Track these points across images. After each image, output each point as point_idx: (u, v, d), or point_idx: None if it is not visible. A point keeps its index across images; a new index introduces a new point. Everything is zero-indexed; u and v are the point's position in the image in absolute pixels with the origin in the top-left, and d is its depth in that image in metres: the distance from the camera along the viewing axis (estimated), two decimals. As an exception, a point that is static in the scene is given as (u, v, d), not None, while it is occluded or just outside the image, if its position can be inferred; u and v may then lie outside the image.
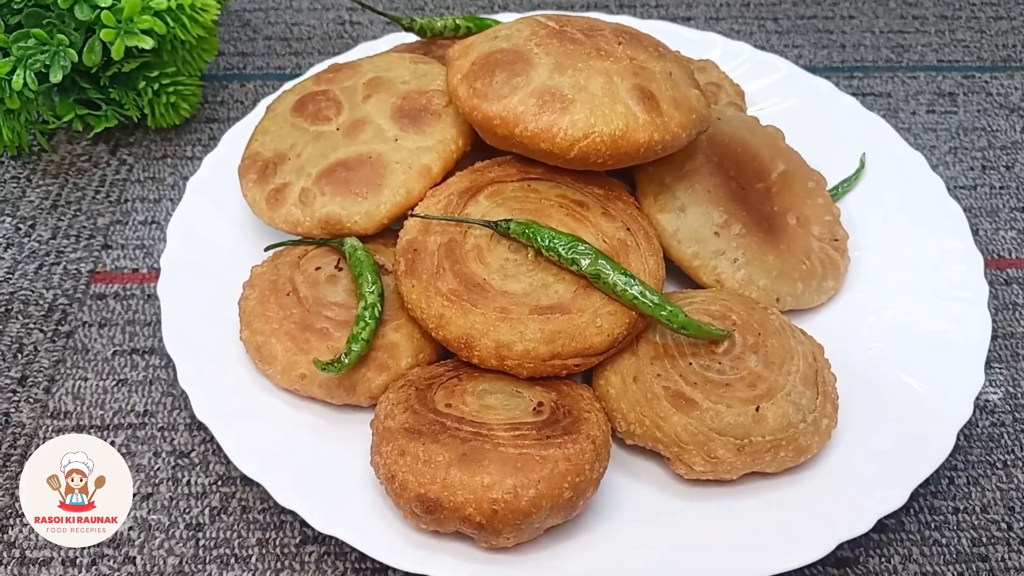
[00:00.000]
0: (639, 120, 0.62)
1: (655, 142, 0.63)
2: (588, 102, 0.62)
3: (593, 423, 0.58)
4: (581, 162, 0.64)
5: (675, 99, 0.65)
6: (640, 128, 0.62)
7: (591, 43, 0.65)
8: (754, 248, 0.70)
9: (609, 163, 0.64)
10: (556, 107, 0.62)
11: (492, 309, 0.60)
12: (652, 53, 0.67)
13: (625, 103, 0.63)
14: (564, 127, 0.62)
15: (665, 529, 0.59)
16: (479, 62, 0.65)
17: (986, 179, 0.91)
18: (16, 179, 0.88)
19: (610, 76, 0.63)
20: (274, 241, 0.72)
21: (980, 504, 0.66)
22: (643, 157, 0.65)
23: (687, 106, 0.65)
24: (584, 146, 0.62)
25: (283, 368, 0.63)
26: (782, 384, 0.61)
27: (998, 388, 0.73)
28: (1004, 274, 0.82)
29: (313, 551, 0.62)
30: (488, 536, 0.55)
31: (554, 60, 0.64)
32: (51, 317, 0.76)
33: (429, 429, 0.56)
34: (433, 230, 0.65)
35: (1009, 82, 1.02)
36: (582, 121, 0.62)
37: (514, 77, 0.63)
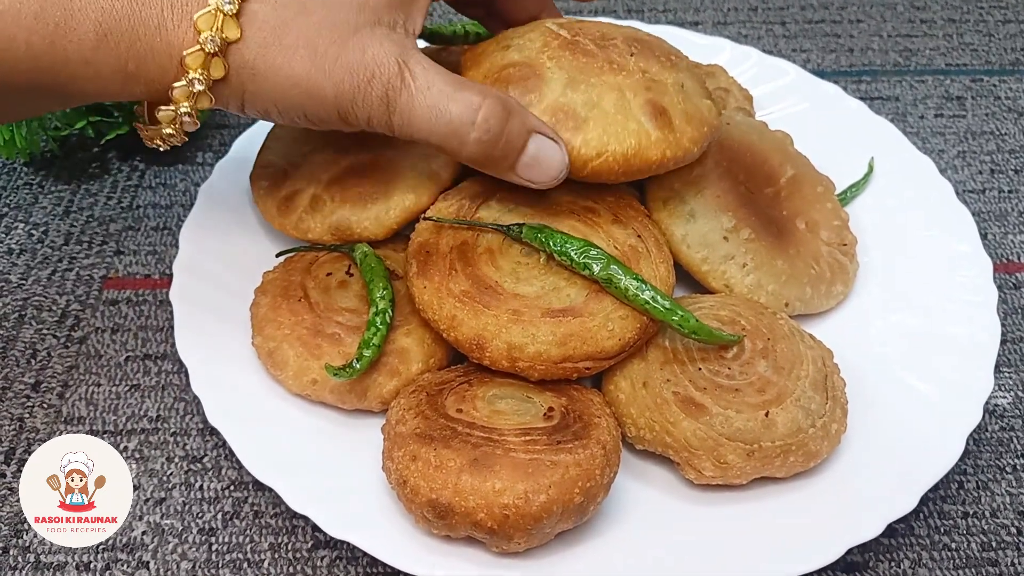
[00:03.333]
0: (652, 137, 0.62)
1: (667, 159, 0.63)
2: (601, 120, 0.62)
3: (603, 428, 0.59)
4: (593, 178, 0.64)
5: (687, 113, 0.65)
6: (653, 146, 0.63)
7: (603, 55, 0.64)
8: (763, 253, 0.70)
9: (621, 179, 0.64)
10: (569, 125, 0.62)
11: (504, 311, 0.60)
12: (664, 64, 0.66)
13: (638, 120, 0.62)
14: (577, 146, 0.62)
15: (675, 534, 0.59)
16: (491, 76, 0.64)
17: (995, 183, 0.91)
18: (29, 185, 0.88)
19: (623, 92, 0.63)
20: (286, 247, 0.72)
21: (990, 508, 0.66)
22: (655, 172, 0.65)
23: (699, 119, 0.65)
24: (597, 165, 0.62)
25: (295, 373, 0.64)
26: (791, 389, 0.61)
27: (1007, 392, 0.73)
28: (1013, 278, 0.82)
29: (325, 556, 0.62)
30: (499, 541, 0.55)
31: (567, 75, 0.63)
32: (64, 323, 0.76)
33: (440, 434, 0.56)
34: (445, 233, 0.65)
35: (1018, 85, 1.02)
36: (595, 140, 0.62)
37: (527, 94, 0.63)
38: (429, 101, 0.57)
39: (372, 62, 0.56)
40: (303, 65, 0.55)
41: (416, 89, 0.57)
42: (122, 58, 0.54)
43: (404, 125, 0.58)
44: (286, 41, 0.55)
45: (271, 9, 0.56)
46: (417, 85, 0.57)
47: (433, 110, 0.57)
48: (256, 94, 0.57)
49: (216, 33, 0.54)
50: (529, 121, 0.60)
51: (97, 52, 0.53)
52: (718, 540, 0.59)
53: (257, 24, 0.55)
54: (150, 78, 0.56)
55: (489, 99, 0.58)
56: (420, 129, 0.58)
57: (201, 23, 0.54)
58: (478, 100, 0.58)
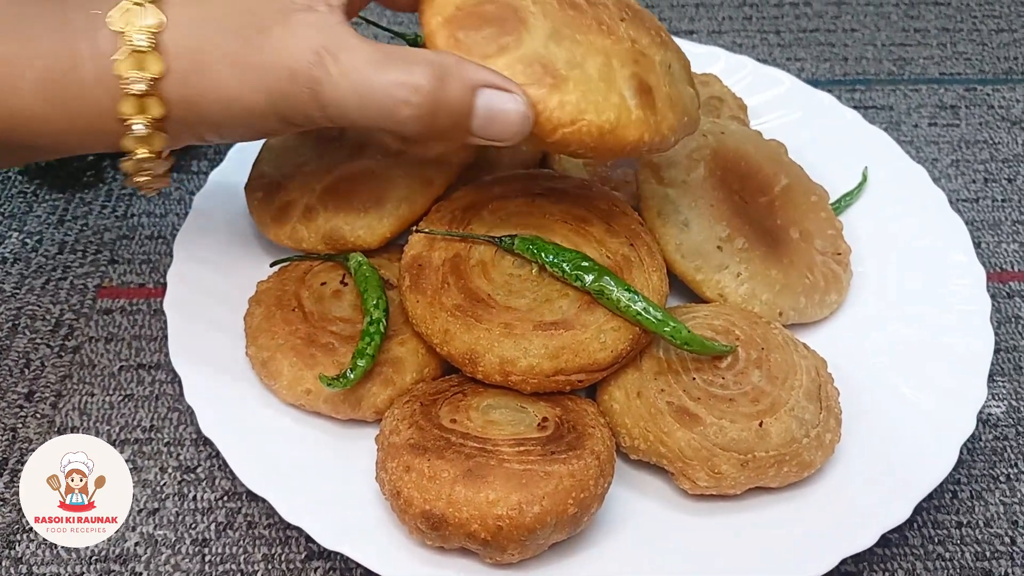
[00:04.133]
0: (632, 116, 0.55)
1: (644, 142, 0.56)
2: (583, 83, 0.54)
3: (597, 439, 0.59)
4: (559, 147, 0.56)
5: (671, 97, 0.58)
6: (632, 125, 0.55)
7: (593, 13, 0.57)
8: (757, 262, 0.70)
9: (590, 155, 0.57)
10: (547, 82, 0.54)
11: (496, 324, 0.60)
12: (655, 39, 0.60)
13: (621, 93, 0.55)
14: (551, 108, 0.54)
15: (669, 544, 0.59)
16: (467, 8, 0.55)
17: (988, 192, 0.91)
18: (23, 194, 0.88)
19: (609, 58, 0.56)
20: (280, 257, 0.72)
21: (983, 518, 0.66)
22: (626, 155, 0.58)
23: (680, 106, 0.59)
24: (568, 133, 0.54)
25: (289, 383, 0.64)
26: (785, 399, 0.61)
27: (1001, 402, 0.73)
28: (1007, 287, 0.82)
29: (319, 567, 0.62)
30: (493, 552, 0.55)
31: (551, 25, 0.55)
32: (58, 332, 0.76)
33: (434, 445, 0.56)
34: (438, 245, 0.65)
35: (1011, 94, 1.02)
36: (572, 105, 0.54)
37: (504, 36, 0.54)
38: (354, 85, 0.52)
39: (289, 59, 0.53)
40: (230, 82, 0.53)
41: (339, 74, 0.52)
42: (71, 115, 0.54)
43: (340, 116, 0.54)
44: (207, 61, 0.53)
45: (186, 32, 0.54)
46: (340, 70, 0.52)
47: (359, 93, 0.52)
48: (201, 122, 0.56)
49: (138, 73, 0.53)
50: (471, 76, 0.53)
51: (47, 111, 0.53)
52: (712, 550, 0.59)
53: (176, 53, 0.53)
54: (103, 130, 0.55)
55: (417, 68, 0.52)
56: (355, 116, 0.54)
57: (122, 68, 0.53)
58: (403, 74, 0.52)
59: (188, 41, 0.54)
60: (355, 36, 0.54)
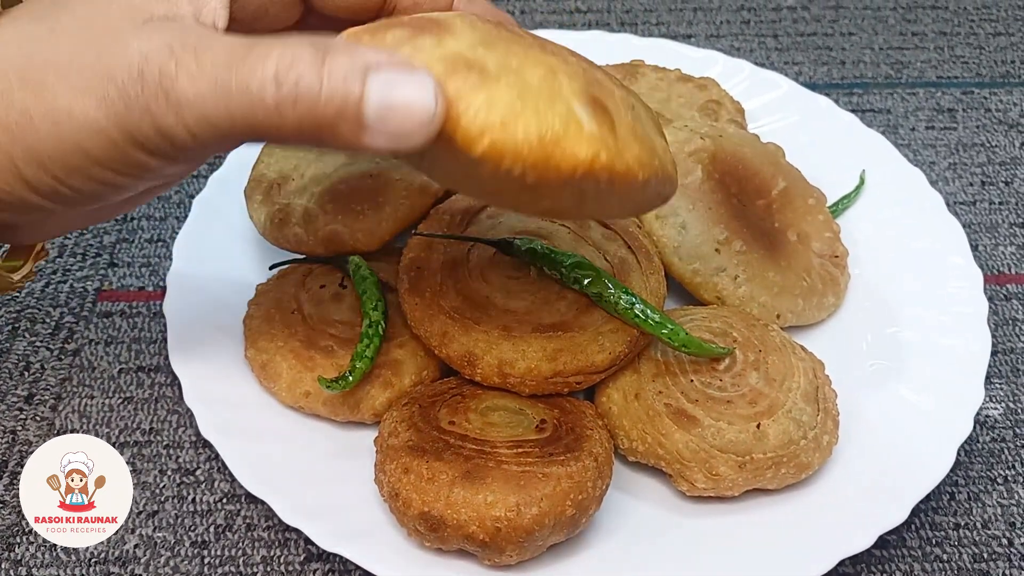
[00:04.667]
0: (584, 129, 0.42)
1: (600, 164, 0.42)
2: (517, 85, 0.41)
3: (596, 440, 0.59)
4: (489, 162, 0.41)
5: (635, 131, 0.45)
6: (584, 139, 0.41)
7: (538, 42, 0.45)
8: (755, 265, 0.70)
9: (530, 175, 0.41)
10: (471, 79, 0.41)
11: (495, 327, 0.61)
12: (616, 82, 0.48)
13: (568, 103, 0.42)
14: (476, 107, 0.40)
15: (667, 546, 0.59)
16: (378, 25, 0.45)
17: (985, 195, 0.91)
18: (23, 198, 0.88)
19: (554, 72, 0.43)
20: (279, 260, 0.72)
21: (981, 520, 0.66)
22: (577, 180, 0.42)
23: (651, 147, 0.46)
24: (498, 140, 0.40)
25: (288, 386, 0.64)
26: (783, 401, 0.61)
27: (998, 404, 0.73)
28: (1004, 289, 0.82)
29: (318, 569, 0.62)
30: (491, 554, 0.55)
31: (481, 36, 0.43)
32: (58, 335, 0.76)
33: (433, 447, 0.57)
34: (436, 248, 0.66)
35: (1008, 98, 1.03)
36: (503, 104, 0.40)
37: (420, 36, 0.43)
38: (215, 75, 0.41)
39: (137, 54, 0.43)
40: (60, 91, 0.44)
41: (197, 67, 0.42)
42: None
43: (199, 120, 0.42)
44: (31, 76, 0.44)
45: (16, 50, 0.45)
46: (199, 62, 0.42)
47: (218, 82, 0.41)
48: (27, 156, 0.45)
49: None
50: (364, 55, 0.41)
51: None
52: (710, 552, 0.59)
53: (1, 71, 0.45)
54: None
55: (294, 45, 0.41)
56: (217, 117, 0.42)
57: None
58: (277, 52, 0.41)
59: (17, 59, 0.45)
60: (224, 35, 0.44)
